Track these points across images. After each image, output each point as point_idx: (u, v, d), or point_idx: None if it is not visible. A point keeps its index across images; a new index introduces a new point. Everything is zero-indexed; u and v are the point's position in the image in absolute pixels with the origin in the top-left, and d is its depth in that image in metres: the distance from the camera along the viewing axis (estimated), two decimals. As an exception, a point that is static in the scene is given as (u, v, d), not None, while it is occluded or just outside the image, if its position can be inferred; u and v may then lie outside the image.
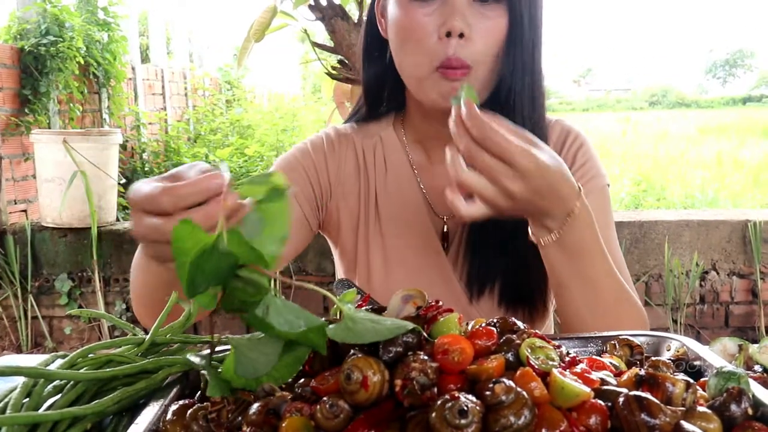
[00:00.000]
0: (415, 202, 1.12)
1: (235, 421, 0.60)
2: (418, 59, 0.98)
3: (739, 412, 0.57)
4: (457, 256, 1.10)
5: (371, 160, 1.15)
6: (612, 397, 0.55)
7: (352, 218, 1.14)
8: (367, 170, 1.14)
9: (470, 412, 0.50)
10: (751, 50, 63.14)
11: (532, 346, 0.59)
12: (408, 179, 1.13)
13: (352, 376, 0.55)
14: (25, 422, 0.62)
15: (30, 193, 4.11)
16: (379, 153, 1.15)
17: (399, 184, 1.13)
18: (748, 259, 3.31)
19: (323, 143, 1.16)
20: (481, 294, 1.08)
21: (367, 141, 1.16)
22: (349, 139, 1.17)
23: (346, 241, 1.15)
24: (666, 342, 0.81)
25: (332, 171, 1.14)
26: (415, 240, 1.11)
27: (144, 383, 0.72)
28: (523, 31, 0.97)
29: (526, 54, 0.99)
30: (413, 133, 1.15)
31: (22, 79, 4.11)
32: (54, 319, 3.59)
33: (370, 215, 1.13)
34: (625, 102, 35.14)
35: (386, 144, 1.15)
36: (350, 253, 1.15)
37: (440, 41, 0.95)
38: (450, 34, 0.94)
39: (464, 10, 0.95)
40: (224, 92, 7.25)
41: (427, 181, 1.13)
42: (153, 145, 5.41)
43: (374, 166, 1.14)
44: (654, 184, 7.38)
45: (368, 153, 1.15)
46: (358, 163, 1.15)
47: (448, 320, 0.63)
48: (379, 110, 1.18)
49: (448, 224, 1.12)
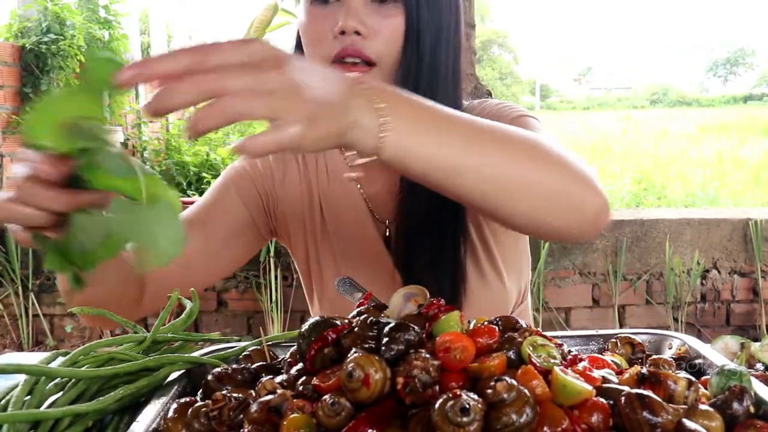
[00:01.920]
0: (357, 209, 1.13)
1: (237, 419, 0.60)
2: (316, 56, 1.00)
3: (741, 410, 0.57)
4: (398, 258, 1.11)
5: (313, 167, 1.16)
6: (614, 395, 0.55)
7: (299, 222, 1.15)
8: (309, 177, 1.15)
9: (472, 409, 0.50)
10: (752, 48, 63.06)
11: (533, 344, 0.59)
12: (349, 186, 1.14)
13: (353, 374, 0.55)
14: (27, 420, 0.62)
15: (31, 191, 4.11)
16: (321, 161, 1.16)
17: (341, 189, 1.14)
18: (749, 258, 3.31)
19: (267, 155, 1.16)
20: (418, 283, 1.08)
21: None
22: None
23: (298, 248, 1.17)
24: (668, 340, 0.81)
25: (277, 178, 1.16)
26: (361, 245, 1.13)
27: (145, 381, 0.72)
28: (421, 29, 0.98)
29: (426, 52, 0.99)
30: None
31: (23, 77, 4.11)
32: (55, 317, 3.59)
33: (316, 222, 1.14)
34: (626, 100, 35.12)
35: (327, 152, 1.16)
36: (303, 260, 1.17)
37: (335, 39, 0.97)
38: (344, 33, 0.96)
39: (359, 9, 0.96)
40: (225, 90, 7.22)
41: (366, 187, 1.14)
42: (154, 143, 5.40)
43: (316, 172, 1.16)
44: (655, 183, 7.38)
45: (310, 161, 1.16)
46: (299, 171, 1.16)
47: (450, 318, 0.63)
48: None
49: (389, 228, 1.13)
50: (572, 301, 3.32)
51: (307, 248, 1.16)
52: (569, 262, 3.25)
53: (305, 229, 1.15)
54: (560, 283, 3.29)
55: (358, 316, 0.67)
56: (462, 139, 0.72)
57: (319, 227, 1.14)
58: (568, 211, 0.79)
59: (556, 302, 3.30)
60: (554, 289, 3.29)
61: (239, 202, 1.13)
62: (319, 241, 1.14)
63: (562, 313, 3.33)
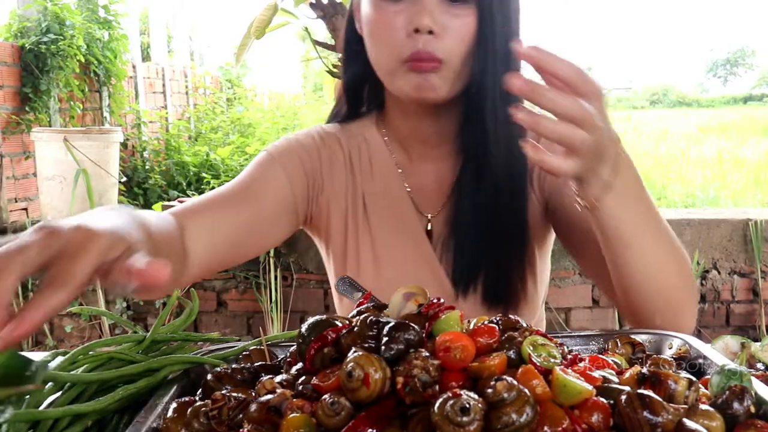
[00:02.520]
0: (401, 202, 1.14)
1: (236, 418, 0.60)
2: (387, 54, 1.01)
3: (742, 410, 0.57)
4: (442, 254, 1.11)
5: (357, 161, 1.16)
6: (614, 394, 0.55)
7: (341, 216, 1.15)
8: (353, 170, 1.15)
9: (472, 409, 0.49)
10: (752, 49, 63.08)
11: (534, 343, 0.59)
12: (393, 179, 1.15)
13: (353, 373, 0.55)
14: (26, 419, 0.62)
15: (30, 191, 4.11)
16: (365, 154, 1.16)
17: (385, 184, 1.15)
18: (749, 258, 3.30)
19: (315, 139, 1.17)
20: (466, 291, 1.09)
21: (353, 141, 1.17)
22: (336, 138, 1.17)
23: (336, 239, 1.16)
24: (668, 340, 0.80)
25: (325, 165, 1.15)
26: (403, 239, 1.12)
27: (145, 381, 0.71)
28: (494, 31, 0.99)
29: (498, 53, 1.00)
30: (393, 132, 1.16)
31: (23, 77, 4.11)
32: (55, 317, 3.59)
33: (359, 214, 1.14)
34: (626, 101, 35.11)
35: (371, 145, 1.16)
36: (340, 252, 1.15)
37: (408, 37, 0.97)
38: (418, 31, 0.96)
39: (433, 8, 0.96)
40: (225, 91, 7.24)
41: (411, 181, 1.15)
42: (154, 143, 5.40)
43: (360, 166, 1.15)
44: (655, 183, 7.38)
45: (354, 153, 1.16)
46: (344, 163, 1.16)
47: (450, 317, 0.62)
48: (359, 110, 1.20)
49: (432, 222, 1.13)
50: (572, 301, 3.32)
51: (346, 239, 1.14)
52: (569, 263, 3.25)
53: (347, 219, 1.14)
54: (560, 283, 3.29)
55: (358, 315, 0.66)
56: (651, 225, 0.88)
57: (361, 218, 1.14)
58: (669, 313, 0.92)
59: (556, 302, 3.30)
60: (554, 289, 3.29)
61: (285, 180, 1.11)
62: (360, 232, 1.13)
63: (562, 314, 3.33)
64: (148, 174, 4.94)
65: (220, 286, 3.40)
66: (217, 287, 3.40)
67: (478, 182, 1.07)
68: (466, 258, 1.08)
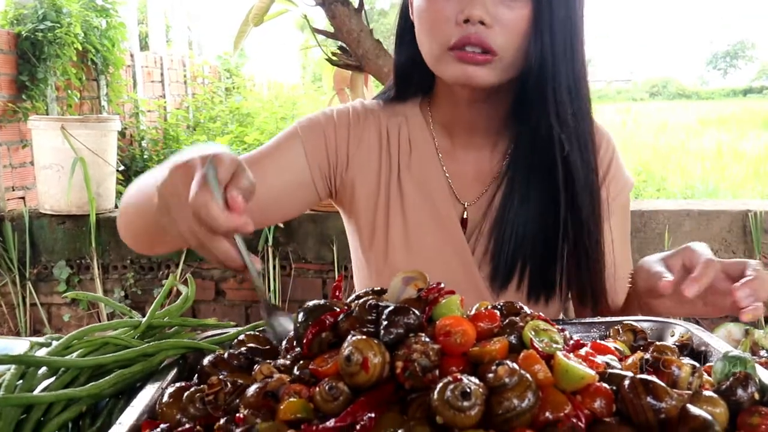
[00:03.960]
0: (438, 185, 1.12)
1: (233, 404, 0.59)
2: (434, 41, 0.99)
3: (746, 397, 0.56)
4: (476, 245, 1.10)
5: (395, 138, 1.14)
6: (617, 380, 0.54)
7: (371, 193, 1.14)
8: (390, 147, 1.14)
9: (473, 394, 0.48)
10: (752, 42, 62.90)
11: (535, 328, 0.58)
12: (432, 161, 1.13)
13: (352, 357, 0.54)
14: (19, 403, 0.61)
15: (28, 180, 4.09)
16: (404, 132, 1.15)
17: (422, 165, 1.13)
18: (748, 249, 3.29)
19: (349, 114, 1.16)
20: (504, 288, 1.08)
21: (393, 119, 1.16)
22: (375, 114, 1.17)
23: (361, 216, 1.15)
24: (670, 327, 0.80)
25: (353, 143, 1.14)
26: (436, 222, 1.11)
27: (141, 366, 0.71)
28: (552, 20, 0.96)
29: (556, 44, 0.97)
30: (439, 116, 1.15)
31: (19, 65, 4.07)
32: (53, 306, 3.58)
33: (392, 192, 1.13)
34: (626, 93, 35.00)
35: (411, 124, 1.15)
36: (366, 229, 1.14)
37: (457, 26, 0.96)
38: (468, 21, 0.94)
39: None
40: (224, 80, 7.21)
41: (451, 166, 1.13)
42: (152, 132, 5.38)
43: (398, 144, 1.14)
44: (654, 175, 7.36)
45: (392, 131, 1.15)
46: (380, 139, 1.15)
47: (450, 302, 0.61)
48: (408, 93, 1.18)
49: (468, 211, 1.12)
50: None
51: (375, 217, 1.13)
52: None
53: (378, 196, 1.13)
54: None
55: (357, 299, 0.65)
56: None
57: (395, 196, 1.12)
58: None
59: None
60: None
61: (303, 156, 1.11)
62: (391, 211, 1.12)
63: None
64: (146, 163, 4.92)
65: (218, 275, 3.39)
66: (216, 276, 3.39)
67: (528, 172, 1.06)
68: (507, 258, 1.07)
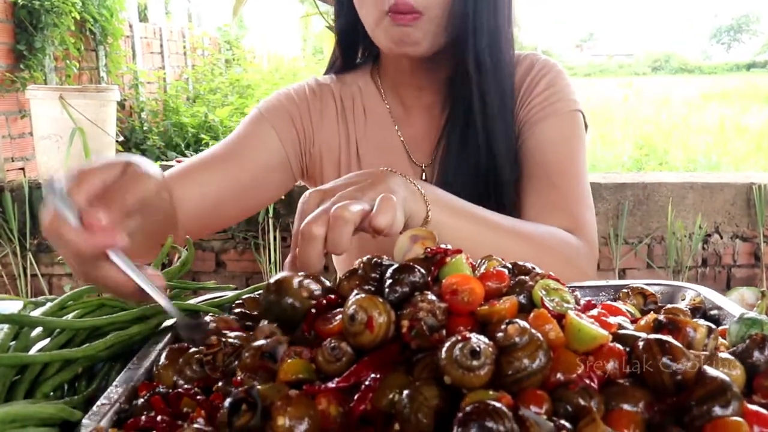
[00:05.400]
0: (395, 150, 1.14)
1: (232, 365, 0.57)
2: (370, 6, 1.01)
3: (763, 359, 0.54)
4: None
5: (350, 108, 1.16)
6: (630, 341, 0.52)
7: (335, 165, 1.15)
8: (346, 118, 1.16)
9: (483, 353, 0.46)
10: (757, 15, 62.22)
11: (546, 287, 0.56)
12: (387, 128, 1.15)
13: (356, 316, 0.52)
14: (13, 363, 0.59)
15: (27, 151, 4.06)
16: (358, 101, 1.16)
17: (378, 132, 1.15)
18: (751, 222, 3.28)
19: (306, 91, 1.17)
20: None
21: (346, 90, 1.18)
22: (329, 88, 1.18)
23: None
24: (680, 291, 0.78)
25: (315, 118, 1.15)
26: None
27: (137, 328, 0.69)
28: None
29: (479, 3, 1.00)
30: (388, 81, 1.17)
31: (17, 33, 4.02)
32: (53, 277, 3.58)
33: (352, 162, 1.14)
34: (628, 67, 34.67)
35: (365, 93, 1.17)
36: None
37: None
38: None
39: None
40: (223, 52, 7.15)
41: (405, 130, 1.15)
42: (152, 104, 5.34)
43: (353, 114, 1.16)
44: (656, 148, 7.32)
45: (347, 101, 1.16)
46: (337, 111, 1.16)
47: (457, 262, 0.59)
48: (354, 61, 1.21)
49: (425, 172, 1.13)
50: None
51: None
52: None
53: (340, 168, 1.14)
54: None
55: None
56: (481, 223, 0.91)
57: (354, 165, 1.14)
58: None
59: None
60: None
61: (275, 137, 1.11)
62: None
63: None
64: (146, 135, 4.89)
65: (218, 247, 3.37)
66: (216, 247, 3.37)
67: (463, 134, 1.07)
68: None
